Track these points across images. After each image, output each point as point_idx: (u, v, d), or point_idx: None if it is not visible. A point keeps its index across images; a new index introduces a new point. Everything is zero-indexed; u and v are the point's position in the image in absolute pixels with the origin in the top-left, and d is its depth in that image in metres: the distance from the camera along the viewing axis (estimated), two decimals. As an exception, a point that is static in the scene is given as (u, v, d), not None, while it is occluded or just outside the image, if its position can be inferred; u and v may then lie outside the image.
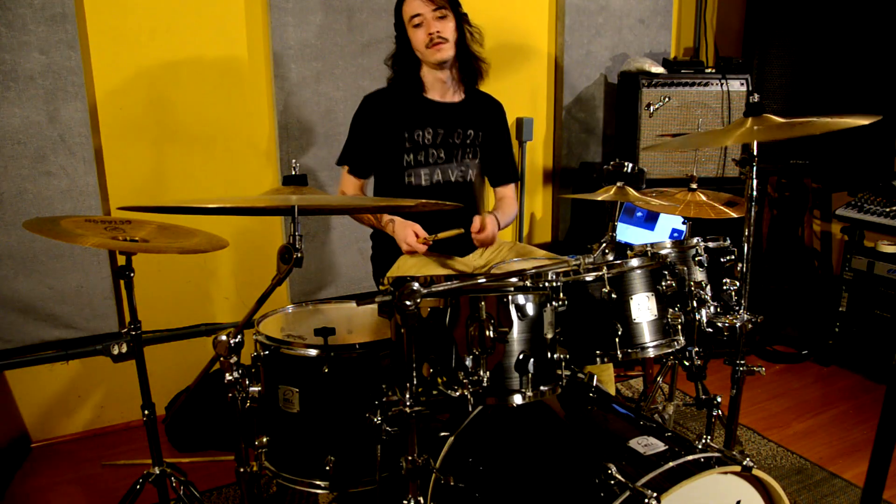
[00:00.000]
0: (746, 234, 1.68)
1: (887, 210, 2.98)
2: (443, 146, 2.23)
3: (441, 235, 1.99)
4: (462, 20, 2.18)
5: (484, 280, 1.37)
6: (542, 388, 1.36)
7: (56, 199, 2.44)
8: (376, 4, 2.82)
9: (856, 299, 3.10)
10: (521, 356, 1.33)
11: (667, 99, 3.07)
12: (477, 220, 2.10)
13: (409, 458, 1.26)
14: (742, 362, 1.75)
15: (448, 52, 2.13)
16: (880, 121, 1.53)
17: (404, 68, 2.21)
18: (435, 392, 1.33)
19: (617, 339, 1.47)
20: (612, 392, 2.00)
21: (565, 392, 1.46)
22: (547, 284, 1.40)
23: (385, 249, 2.30)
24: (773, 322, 3.49)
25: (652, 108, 3.08)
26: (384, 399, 1.35)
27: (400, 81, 2.23)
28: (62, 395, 2.66)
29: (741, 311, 1.69)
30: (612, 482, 1.22)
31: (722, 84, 3.10)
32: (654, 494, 1.15)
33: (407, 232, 2.01)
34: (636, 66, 3.20)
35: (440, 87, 2.24)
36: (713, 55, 3.76)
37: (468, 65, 2.22)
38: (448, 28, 2.12)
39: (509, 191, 2.44)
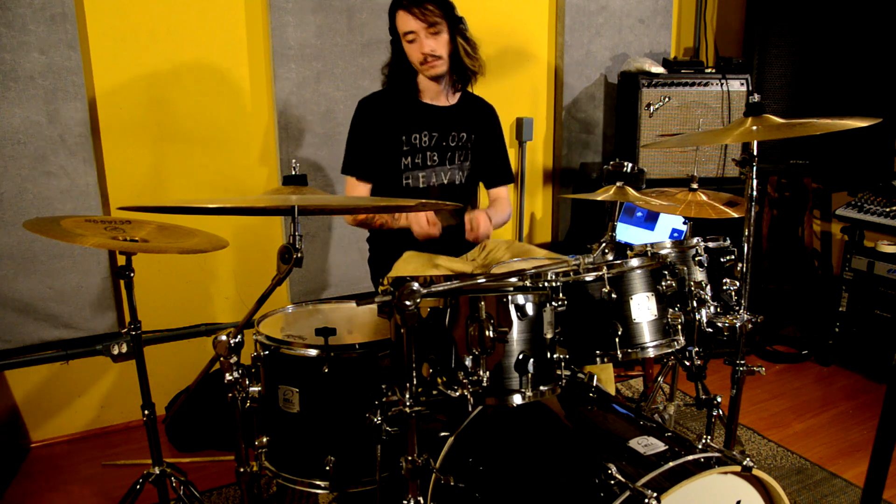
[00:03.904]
0: (746, 234, 1.68)
1: (887, 210, 2.98)
2: (437, 149, 2.24)
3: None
4: (456, 27, 2.12)
5: (484, 280, 1.37)
6: (541, 388, 1.36)
7: (56, 199, 2.44)
8: (376, 4, 2.82)
9: (856, 299, 3.10)
10: (520, 356, 1.33)
11: (667, 99, 3.07)
12: (467, 218, 2.09)
13: (409, 458, 1.26)
14: (742, 362, 1.76)
15: (441, 68, 2.13)
16: (880, 121, 1.53)
17: (400, 76, 2.21)
18: (435, 392, 1.33)
19: (617, 339, 1.47)
20: (612, 392, 2.00)
21: (565, 392, 1.46)
22: (547, 284, 1.40)
23: (382, 253, 2.30)
24: (773, 322, 3.49)
25: (652, 108, 3.08)
26: (384, 399, 1.35)
27: (396, 86, 2.23)
28: (62, 395, 2.66)
29: (741, 311, 1.69)
30: (612, 482, 1.22)
31: (722, 84, 3.10)
32: (654, 494, 1.15)
33: (418, 217, 2.04)
34: (636, 66, 3.20)
35: (435, 92, 2.24)
36: (713, 55, 3.76)
37: (462, 72, 2.20)
38: (441, 44, 2.10)
39: (503, 192, 2.43)
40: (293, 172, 1.58)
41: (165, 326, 2.78)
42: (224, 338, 1.30)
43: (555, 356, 1.40)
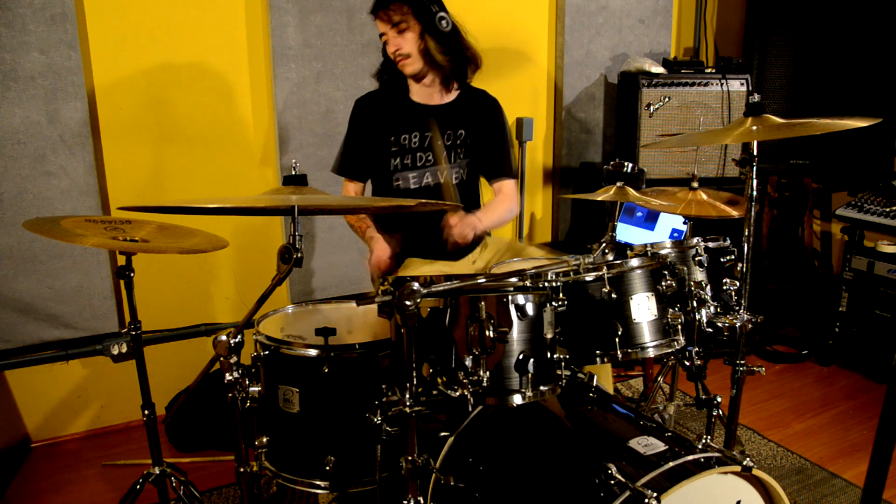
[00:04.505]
0: (746, 234, 1.68)
1: (887, 210, 2.98)
2: (430, 149, 2.23)
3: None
4: (427, 23, 2.08)
5: (484, 280, 1.37)
6: (541, 388, 1.36)
7: (56, 199, 2.44)
8: (376, 4, 2.82)
9: (856, 299, 3.10)
10: (520, 356, 1.33)
11: (667, 99, 3.07)
12: (446, 219, 2.04)
13: (409, 458, 1.26)
14: (742, 362, 1.76)
15: (413, 65, 2.12)
16: (880, 121, 1.53)
17: (390, 77, 2.23)
18: (435, 392, 1.33)
19: (617, 339, 1.47)
20: (610, 392, 2.00)
21: (565, 392, 1.46)
22: (547, 284, 1.40)
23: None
24: (773, 322, 3.49)
25: (652, 108, 3.08)
26: (384, 399, 1.35)
27: (387, 86, 2.25)
28: (62, 395, 2.66)
29: (741, 311, 1.69)
30: (612, 482, 1.22)
31: (722, 84, 3.10)
32: (654, 494, 1.15)
33: (379, 254, 2.07)
34: (636, 66, 3.20)
35: (425, 92, 2.23)
36: (713, 55, 3.76)
37: (442, 70, 2.16)
38: (407, 41, 2.09)
39: (505, 186, 2.33)
40: (293, 172, 1.58)
41: (165, 326, 2.78)
42: (224, 338, 1.30)
43: (555, 356, 1.40)
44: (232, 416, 1.36)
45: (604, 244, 1.77)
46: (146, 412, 1.84)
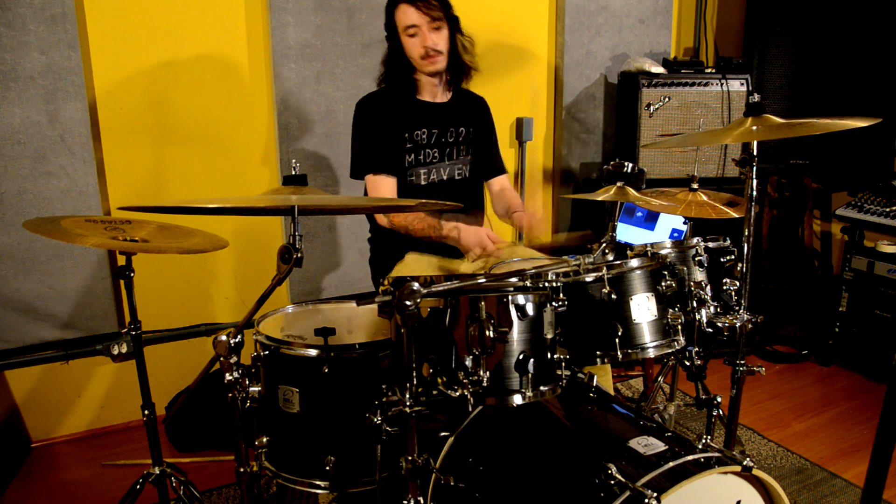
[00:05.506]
0: (746, 234, 1.68)
1: (887, 210, 2.98)
2: (437, 146, 2.24)
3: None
4: (455, 25, 2.15)
5: (484, 280, 1.37)
6: (541, 388, 1.36)
7: (56, 199, 2.44)
8: (376, 4, 2.81)
9: (856, 299, 3.10)
10: (521, 356, 1.33)
11: (667, 99, 3.07)
12: (525, 217, 2.23)
13: (409, 458, 1.26)
14: (742, 362, 1.76)
15: (442, 63, 2.14)
16: (880, 121, 1.53)
17: (398, 72, 2.18)
18: (435, 392, 1.33)
19: (617, 340, 1.47)
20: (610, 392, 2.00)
21: (565, 392, 1.46)
22: (547, 284, 1.40)
23: (384, 253, 2.30)
24: (773, 322, 3.49)
25: (652, 108, 3.08)
26: (384, 399, 1.35)
27: (393, 84, 2.21)
28: (62, 395, 2.66)
29: (741, 311, 1.69)
30: (612, 482, 1.22)
31: (722, 84, 3.10)
32: (655, 494, 1.15)
33: (481, 235, 1.99)
34: (636, 66, 3.20)
35: (431, 90, 2.24)
36: (713, 55, 3.76)
37: (458, 70, 2.21)
38: (442, 39, 2.11)
39: (506, 181, 2.47)
40: (293, 172, 1.59)
41: (165, 326, 2.78)
42: (224, 338, 1.30)
43: (555, 356, 1.40)
44: (232, 416, 1.36)
45: (604, 244, 1.77)
46: (146, 412, 1.84)
